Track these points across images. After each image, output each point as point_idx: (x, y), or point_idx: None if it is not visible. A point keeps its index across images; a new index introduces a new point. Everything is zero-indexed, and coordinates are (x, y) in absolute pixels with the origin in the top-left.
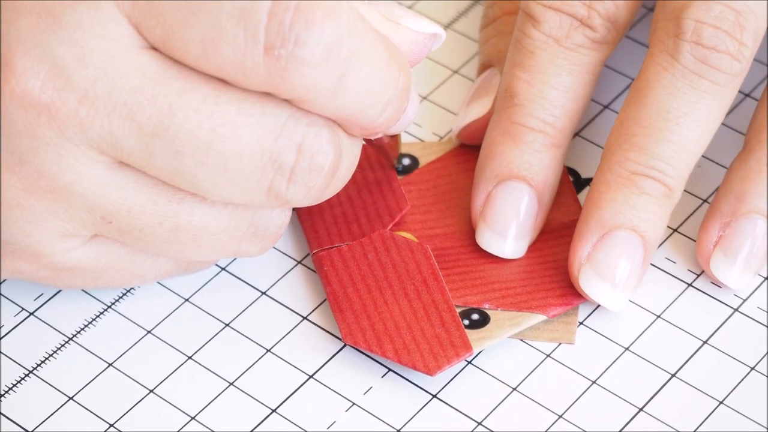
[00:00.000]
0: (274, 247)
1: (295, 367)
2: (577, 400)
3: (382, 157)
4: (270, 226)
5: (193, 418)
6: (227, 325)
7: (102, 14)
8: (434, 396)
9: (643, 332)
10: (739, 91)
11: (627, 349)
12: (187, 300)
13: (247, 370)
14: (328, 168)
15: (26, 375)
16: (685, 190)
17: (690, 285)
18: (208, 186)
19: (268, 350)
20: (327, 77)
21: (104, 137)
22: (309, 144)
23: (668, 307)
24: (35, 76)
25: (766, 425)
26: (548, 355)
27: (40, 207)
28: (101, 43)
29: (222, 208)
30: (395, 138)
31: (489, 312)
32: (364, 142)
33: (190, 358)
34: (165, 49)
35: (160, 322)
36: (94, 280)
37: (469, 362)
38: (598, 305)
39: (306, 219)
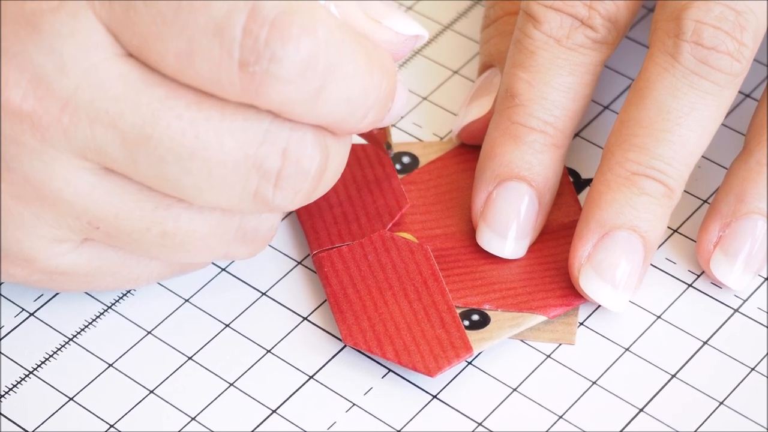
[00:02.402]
0: (275, 248)
1: (295, 367)
2: (577, 400)
3: (375, 148)
4: (259, 230)
5: (193, 418)
6: (227, 325)
7: (81, 23)
8: (434, 397)
9: (643, 333)
10: (739, 92)
11: (627, 349)
12: (187, 301)
13: (247, 370)
14: (314, 171)
15: (26, 375)
16: (685, 191)
17: (690, 285)
18: (194, 192)
19: (269, 351)
20: (304, 91)
21: (88, 144)
22: (294, 149)
23: (668, 307)
24: (17, 84)
25: (766, 426)
26: (548, 356)
27: (29, 213)
28: (81, 51)
29: (209, 213)
30: (384, 129)
31: (489, 313)
32: (357, 140)
33: (190, 358)
34: (141, 59)
35: (160, 323)
36: (87, 284)
37: (470, 363)
38: (599, 306)
39: (306, 219)
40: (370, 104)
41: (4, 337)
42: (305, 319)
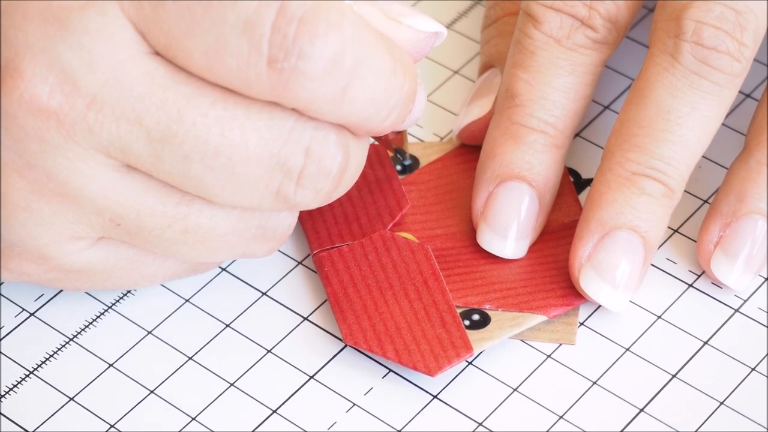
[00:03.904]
0: None
1: (295, 367)
2: (577, 400)
3: (376, 149)
4: (278, 227)
5: (193, 418)
6: (228, 325)
7: (109, 19)
8: (435, 396)
9: (643, 333)
10: (740, 92)
11: (628, 349)
12: (187, 300)
13: (247, 370)
14: (336, 171)
15: (27, 375)
16: (685, 191)
17: (690, 285)
18: (216, 190)
19: (269, 351)
20: (330, 89)
21: (113, 142)
22: (317, 148)
23: (669, 307)
24: (43, 81)
25: (766, 426)
26: (549, 356)
27: (49, 210)
28: (109, 48)
29: (230, 209)
30: (401, 133)
31: (490, 312)
32: (372, 141)
33: (190, 358)
34: (169, 57)
35: (160, 323)
36: (102, 282)
37: (470, 363)
38: (599, 306)
39: (306, 219)
40: (393, 104)
41: (4, 337)
42: (305, 319)
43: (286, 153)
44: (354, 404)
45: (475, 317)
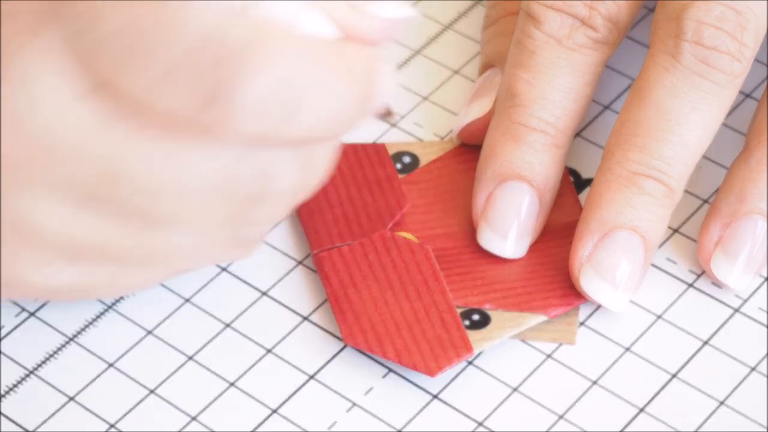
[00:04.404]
0: (275, 248)
1: (295, 367)
2: (578, 400)
3: (376, 148)
4: (248, 234)
5: (193, 418)
6: (228, 325)
7: (50, 59)
8: (435, 396)
9: (643, 333)
10: (740, 92)
11: (628, 349)
12: (187, 300)
13: (247, 370)
14: (294, 187)
15: (27, 375)
16: (685, 191)
17: (691, 285)
18: (170, 223)
19: (269, 351)
20: (275, 121)
21: (63, 180)
22: (269, 169)
23: (669, 307)
24: None
25: (766, 426)
26: (549, 356)
27: (8, 249)
28: (51, 88)
29: (193, 230)
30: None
31: (490, 312)
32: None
33: (190, 358)
34: (109, 93)
35: (160, 323)
36: (86, 294)
37: (470, 363)
38: (599, 305)
39: (306, 219)
40: (348, 117)
41: (4, 337)
42: (305, 319)
43: (238, 178)
44: (354, 404)
45: (475, 317)
